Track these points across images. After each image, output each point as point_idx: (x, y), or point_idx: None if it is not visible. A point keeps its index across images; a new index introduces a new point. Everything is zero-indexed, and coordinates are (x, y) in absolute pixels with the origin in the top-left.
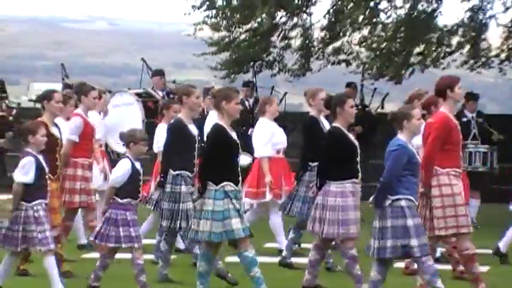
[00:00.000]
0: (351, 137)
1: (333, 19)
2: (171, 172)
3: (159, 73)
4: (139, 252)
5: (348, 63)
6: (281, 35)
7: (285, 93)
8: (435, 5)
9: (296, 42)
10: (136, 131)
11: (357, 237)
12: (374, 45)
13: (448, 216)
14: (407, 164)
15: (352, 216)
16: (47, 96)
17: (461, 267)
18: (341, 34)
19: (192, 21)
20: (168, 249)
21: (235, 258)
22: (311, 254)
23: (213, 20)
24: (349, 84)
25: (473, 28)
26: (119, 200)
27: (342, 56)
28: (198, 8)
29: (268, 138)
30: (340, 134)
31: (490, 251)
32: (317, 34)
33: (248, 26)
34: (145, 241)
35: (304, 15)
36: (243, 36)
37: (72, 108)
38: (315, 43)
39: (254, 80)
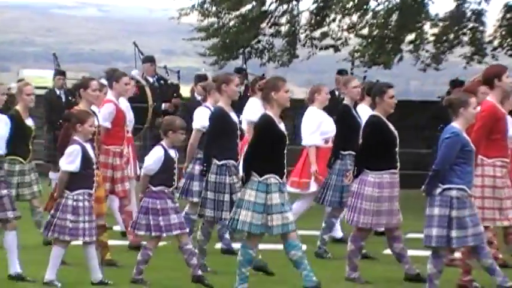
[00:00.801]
0: (391, 126)
1: (321, 4)
2: (216, 162)
3: (150, 59)
4: (184, 237)
5: (336, 48)
6: (270, 21)
7: (263, 75)
8: None
9: (285, 29)
10: (175, 119)
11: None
12: (365, 32)
13: (486, 208)
14: (460, 152)
15: (385, 208)
16: (83, 84)
17: (455, 255)
18: (328, 19)
19: (181, 7)
20: (204, 240)
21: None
22: (348, 245)
23: (202, 7)
24: (340, 72)
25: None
26: (153, 188)
27: (330, 41)
28: None
29: (316, 127)
30: (380, 122)
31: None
32: (304, 20)
33: (237, 13)
34: None
35: (294, 2)
36: (232, 23)
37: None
38: (302, 30)
39: (245, 66)
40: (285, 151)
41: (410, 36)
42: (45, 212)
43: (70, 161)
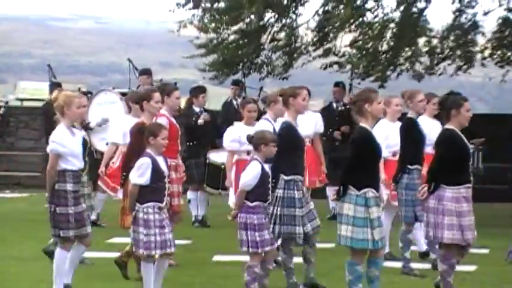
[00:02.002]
0: (465, 139)
1: (322, 20)
2: (283, 177)
3: (146, 72)
4: (271, 255)
5: (340, 65)
6: (269, 36)
7: (261, 88)
8: (423, 4)
9: (283, 43)
10: (266, 133)
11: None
12: (360, 44)
13: None
14: None
15: (467, 222)
16: (146, 96)
17: None
18: (331, 36)
19: (178, 19)
20: (287, 258)
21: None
22: (439, 266)
23: (200, 21)
24: (337, 84)
25: (463, 32)
26: (249, 204)
27: (334, 58)
28: (183, 6)
29: (382, 140)
30: (456, 136)
31: (476, 251)
32: (303, 34)
33: (236, 28)
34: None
35: (293, 16)
36: (231, 38)
37: None
38: (299, 44)
39: (243, 79)
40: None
41: (407, 52)
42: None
43: (140, 173)
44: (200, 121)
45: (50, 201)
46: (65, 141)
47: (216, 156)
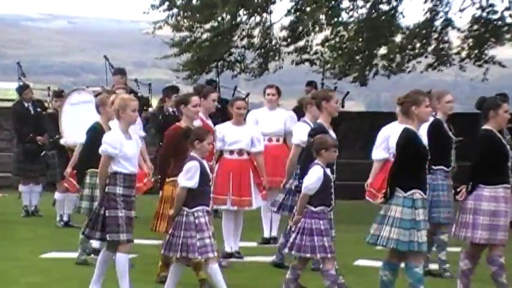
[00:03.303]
0: (504, 140)
1: (294, 18)
2: None
3: (120, 72)
4: (331, 262)
5: (312, 62)
6: (242, 34)
7: (248, 94)
8: (394, 3)
9: (257, 42)
10: (327, 138)
11: (505, 244)
12: (337, 45)
13: None
14: None
15: (503, 223)
16: (184, 100)
17: None
18: (303, 34)
19: (152, 19)
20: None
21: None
22: (463, 263)
23: (174, 20)
24: (309, 83)
25: (433, 30)
26: (313, 209)
27: (306, 56)
28: (157, 8)
29: (380, 141)
30: (495, 136)
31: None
32: (277, 33)
33: (209, 26)
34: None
35: (265, 14)
36: (204, 36)
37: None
38: (274, 42)
39: (217, 79)
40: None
41: (383, 50)
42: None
43: (189, 177)
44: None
45: (99, 203)
46: (117, 144)
47: None
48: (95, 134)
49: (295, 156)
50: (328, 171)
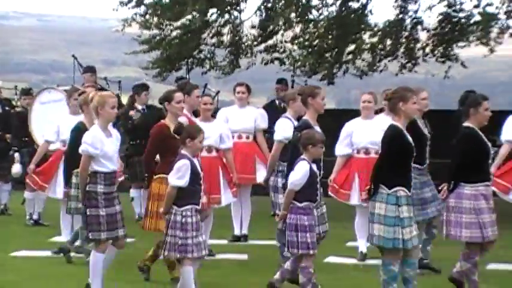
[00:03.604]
0: (484, 138)
1: (264, 16)
2: None
3: (90, 70)
4: (311, 259)
5: (281, 62)
6: (212, 32)
7: (218, 92)
8: (364, 1)
9: (227, 39)
10: (315, 133)
11: (492, 241)
12: (306, 43)
13: None
14: None
15: (488, 219)
16: (167, 97)
17: None
18: (274, 32)
19: (121, 17)
20: None
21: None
22: (461, 264)
23: (143, 18)
24: (280, 81)
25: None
26: (298, 204)
27: (275, 54)
28: (126, 4)
29: (343, 137)
30: (475, 134)
31: None
32: (247, 31)
33: (179, 24)
34: None
35: (235, 13)
36: (174, 34)
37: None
38: (244, 39)
39: (187, 76)
40: (412, 163)
41: (351, 47)
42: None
43: (180, 176)
44: (134, 117)
45: (82, 203)
46: (97, 143)
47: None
48: (79, 133)
49: (277, 152)
50: (314, 166)
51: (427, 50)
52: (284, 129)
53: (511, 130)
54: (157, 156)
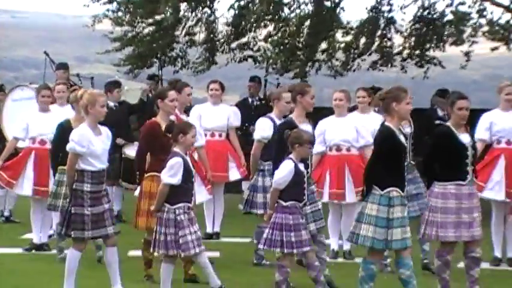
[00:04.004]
0: (461, 137)
1: (237, 13)
2: None
3: (63, 66)
4: (312, 254)
5: (255, 60)
6: (184, 30)
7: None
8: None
9: (200, 37)
10: (302, 133)
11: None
12: (279, 40)
13: None
14: None
15: (450, 220)
16: (161, 94)
17: None
18: (246, 30)
19: (93, 14)
20: None
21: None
22: (435, 261)
23: (115, 14)
24: (252, 78)
25: (377, 27)
26: (283, 203)
27: (249, 52)
28: (97, 0)
29: (316, 135)
30: (447, 133)
31: None
32: (222, 28)
33: (151, 20)
34: None
35: (208, 10)
36: (146, 31)
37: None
38: (219, 36)
39: (160, 73)
40: (405, 163)
41: (323, 45)
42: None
43: (172, 174)
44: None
45: (68, 201)
46: (84, 141)
47: (131, 151)
48: (62, 131)
49: (257, 151)
50: (301, 166)
51: (404, 54)
52: (263, 128)
53: (483, 129)
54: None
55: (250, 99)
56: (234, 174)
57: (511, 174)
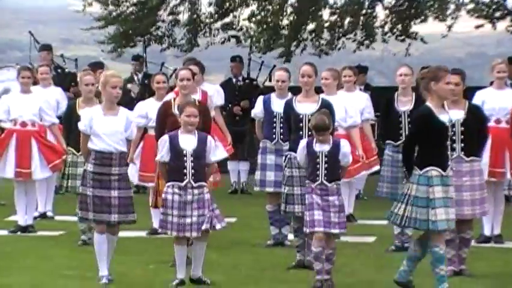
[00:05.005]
0: (439, 117)
1: None
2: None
3: (47, 48)
4: (320, 235)
5: (238, 40)
6: (168, 9)
7: (175, 69)
8: None
9: (184, 17)
10: (312, 118)
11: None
12: (263, 19)
13: None
14: None
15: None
16: (175, 74)
17: None
18: (230, 10)
19: None
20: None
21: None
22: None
23: None
24: (234, 58)
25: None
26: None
27: (232, 32)
28: None
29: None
30: (426, 114)
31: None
32: (205, 9)
33: (135, 0)
34: None
35: None
36: (130, 10)
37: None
38: (203, 18)
39: (144, 54)
40: (448, 142)
41: (311, 26)
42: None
43: (159, 151)
44: None
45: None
46: (86, 120)
47: None
48: (67, 111)
49: (257, 130)
50: (317, 145)
51: (386, 28)
52: (257, 106)
53: None
54: None
55: (234, 79)
56: (221, 153)
57: (496, 153)
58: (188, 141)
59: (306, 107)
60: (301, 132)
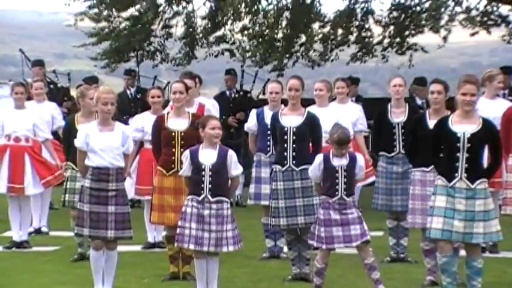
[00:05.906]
0: (427, 122)
1: (213, 6)
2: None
3: (39, 63)
4: (322, 254)
5: (232, 53)
6: (161, 23)
7: (168, 83)
8: None
9: (178, 31)
10: (333, 132)
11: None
12: (257, 33)
13: None
14: None
15: (417, 206)
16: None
17: None
18: (223, 23)
19: (72, 10)
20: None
21: None
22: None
23: (94, 10)
24: (228, 71)
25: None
26: (320, 197)
27: (225, 45)
28: None
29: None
30: (420, 118)
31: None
32: (200, 22)
33: (128, 15)
34: None
35: (185, 3)
36: (123, 25)
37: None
38: (199, 30)
39: (137, 69)
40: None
41: (302, 39)
42: None
43: (183, 165)
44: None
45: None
46: (81, 137)
47: None
48: (66, 128)
49: (251, 144)
50: (335, 160)
51: (385, 43)
52: (250, 119)
53: None
54: None
55: (228, 92)
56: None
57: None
58: (208, 156)
59: (291, 119)
60: (285, 145)
